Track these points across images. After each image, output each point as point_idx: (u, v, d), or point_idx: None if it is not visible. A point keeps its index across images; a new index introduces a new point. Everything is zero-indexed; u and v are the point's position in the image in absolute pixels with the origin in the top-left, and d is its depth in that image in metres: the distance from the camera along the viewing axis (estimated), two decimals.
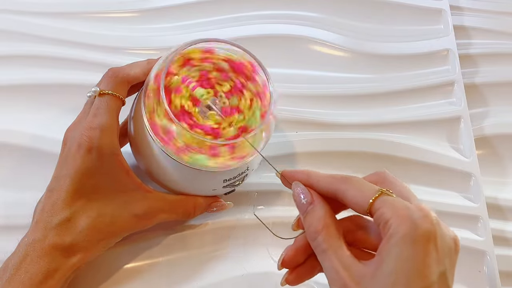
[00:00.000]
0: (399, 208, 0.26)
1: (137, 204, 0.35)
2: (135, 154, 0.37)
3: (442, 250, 0.25)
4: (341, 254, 0.27)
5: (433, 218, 0.26)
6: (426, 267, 0.24)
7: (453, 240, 0.27)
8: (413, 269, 0.24)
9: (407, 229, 0.25)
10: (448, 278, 0.25)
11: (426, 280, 0.24)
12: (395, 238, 0.25)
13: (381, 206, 0.26)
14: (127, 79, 0.35)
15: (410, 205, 0.26)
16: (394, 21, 0.56)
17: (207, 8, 0.53)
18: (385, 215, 0.26)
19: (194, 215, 0.38)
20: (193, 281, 0.39)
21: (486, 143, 0.52)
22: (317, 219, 0.28)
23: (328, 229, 0.28)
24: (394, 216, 0.25)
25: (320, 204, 0.29)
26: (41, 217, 0.32)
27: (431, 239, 0.25)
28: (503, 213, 0.48)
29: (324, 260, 0.27)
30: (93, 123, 0.32)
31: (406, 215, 0.25)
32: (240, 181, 0.37)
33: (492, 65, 0.56)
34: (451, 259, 0.26)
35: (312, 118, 0.48)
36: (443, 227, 0.26)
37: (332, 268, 0.27)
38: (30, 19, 0.49)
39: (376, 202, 0.27)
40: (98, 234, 0.33)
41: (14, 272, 0.30)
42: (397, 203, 0.26)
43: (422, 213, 0.25)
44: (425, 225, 0.25)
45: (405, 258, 0.24)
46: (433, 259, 0.24)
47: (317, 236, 0.28)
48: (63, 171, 0.32)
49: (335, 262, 0.27)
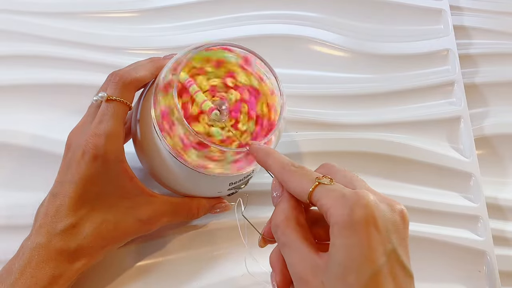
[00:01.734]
0: (335, 197, 0.25)
1: (141, 209, 0.35)
2: (140, 155, 0.37)
3: (385, 229, 0.25)
4: (298, 247, 0.26)
5: (369, 200, 0.25)
6: (372, 251, 0.24)
7: (398, 214, 0.26)
8: (360, 255, 0.24)
9: (345, 216, 0.24)
10: (400, 254, 0.25)
11: (375, 264, 0.24)
12: (336, 228, 0.25)
13: (320, 196, 0.26)
14: (135, 84, 0.34)
15: (347, 191, 0.26)
16: (394, 21, 0.56)
17: (207, 8, 0.53)
18: (324, 206, 0.26)
19: (197, 216, 0.38)
20: (193, 281, 0.39)
21: (486, 143, 0.52)
22: (279, 213, 0.28)
23: (287, 222, 0.27)
24: (332, 205, 0.25)
25: (285, 198, 0.29)
26: (45, 222, 0.32)
27: (369, 221, 0.24)
28: (503, 213, 0.48)
29: (284, 253, 0.27)
30: (98, 129, 0.32)
31: (342, 203, 0.25)
32: (245, 183, 0.37)
33: (492, 65, 0.56)
34: (399, 233, 0.26)
35: (312, 118, 0.48)
36: (382, 206, 0.25)
37: (290, 262, 0.27)
38: (30, 19, 0.49)
39: (314, 192, 0.26)
40: (102, 240, 0.33)
41: (18, 276, 0.30)
42: (333, 191, 0.26)
43: (357, 197, 0.25)
44: (360, 210, 0.24)
45: (349, 246, 0.24)
46: (377, 241, 0.24)
47: (277, 230, 0.28)
48: (67, 177, 0.32)
49: (292, 255, 0.26)
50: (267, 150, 0.31)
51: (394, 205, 0.26)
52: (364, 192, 0.25)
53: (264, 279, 0.39)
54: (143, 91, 0.36)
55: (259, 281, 0.38)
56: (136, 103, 0.36)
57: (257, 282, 0.39)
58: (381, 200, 0.26)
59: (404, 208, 0.27)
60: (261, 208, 0.42)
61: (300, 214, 0.28)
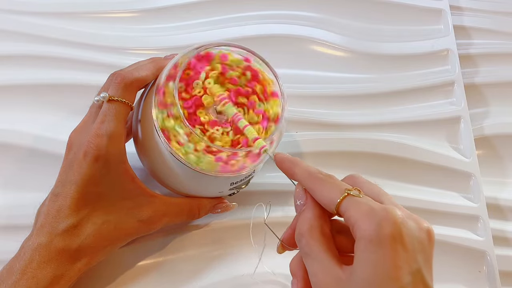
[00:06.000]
0: (364, 210, 0.25)
1: (142, 209, 0.35)
2: (141, 155, 0.37)
3: (412, 248, 0.25)
4: (322, 258, 0.26)
5: (397, 216, 0.25)
6: (397, 269, 0.24)
7: (425, 232, 0.26)
8: (384, 273, 0.24)
9: (372, 232, 0.24)
10: (424, 274, 0.25)
11: (399, 283, 0.24)
12: (362, 242, 0.24)
13: (347, 208, 0.26)
14: (136, 85, 0.34)
15: (376, 205, 0.26)
16: (394, 21, 0.56)
17: (208, 8, 0.53)
18: (352, 218, 0.25)
19: (198, 216, 0.38)
20: (193, 281, 0.39)
21: (486, 143, 0.52)
22: (303, 222, 0.28)
23: (312, 232, 0.27)
24: (359, 218, 0.25)
25: (310, 206, 0.29)
26: (46, 222, 0.32)
27: (396, 239, 0.24)
28: (503, 213, 0.48)
29: (306, 263, 0.27)
30: (100, 130, 0.32)
31: (370, 217, 0.25)
32: (246, 183, 0.37)
33: (492, 65, 0.56)
34: (425, 253, 0.25)
35: (312, 118, 0.48)
36: (410, 223, 0.25)
37: (313, 272, 0.26)
38: (30, 19, 0.49)
39: (342, 204, 0.26)
40: (103, 240, 0.33)
41: (19, 277, 0.30)
42: (362, 204, 0.26)
43: (386, 213, 0.25)
44: (388, 226, 0.24)
45: (374, 262, 0.24)
46: (403, 260, 0.24)
47: (301, 239, 0.28)
48: (69, 177, 0.32)
49: (315, 266, 0.26)
50: (292, 159, 0.31)
51: (421, 223, 0.26)
52: (393, 208, 0.25)
53: (265, 279, 0.39)
54: (144, 91, 0.36)
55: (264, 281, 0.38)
56: (137, 103, 0.36)
57: (257, 282, 0.39)
58: (408, 217, 0.26)
59: (430, 227, 0.26)
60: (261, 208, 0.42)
61: (325, 223, 0.28)
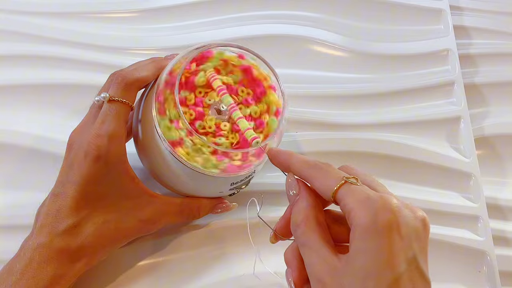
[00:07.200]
0: (360, 198, 0.25)
1: (142, 209, 0.35)
2: (141, 155, 0.37)
3: (408, 236, 0.25)
4: (318, 248, 0.26)
5: (394, 205, 0.25)
6: (393, 257, 0.24)
7: (420, 221, 0.26)
8: (381, 261, 0.24)
9: (368, 220, 0.24)
10: (420, 262, 0.25)
11: (395, 270, 0.24)
12: (358, 230, 0.25)
13: (344, 196, 0.26)
14: (137, 85, 0.34)
15: (372, 193, 0.26)
16: (394, 21, 0.56)
17: (207, 8, 0.53)
18: (348, 206, 0.25)
19: (199, 216, 0.38)
20: (193, 281, 0.39)
21: (486, 143, 0.52)
22: (298, 212, 0.28)
23: (308, 221, 0.27)
24: (356, 206, 0.25)
25: (304, 196, 0.29)
26: (46, 222, 0.31)
27: (393, 227, 0.24)
28: (503, 213, 0.48)
29: (302, 253, 0.27)
30: (101, 130, 0.32)
31: (366, 205, 0.25)
32: (246, 183, 0.37)
33: (492, 65, 0.56)
34: (420, 241, 0.25)
35: (312, 118, 0.48)
36: (405, 212, 0.25)
37: (309, 262, 0.26)
38: (30, 19, 0.49)
39: (339, 191, 0.26)
40: (103, 240, 0.33)
41: (19, 277, 0.30)
42: (358, 192, 0.26)
43: (382, 201, 0.25)
44: (385, 215, 0.24)
45: (371, 251, 0.24)
46: (399, 248, 0.24)
47: (297, 229, 0.28)
48: (69, 177, 0.32)
49: (312, 256, 0.26)
50: (288, 151, 0.31)
51: (416, 211, 0.26)
52: (389, 196, 0.25)
53: (265, 279, 0.39)
54: (145, 91, 0.36)
55: (263, 281, 0.38)
56: (138, 104, 0.36)
57: (257, 281, 0.39)
58: (404, 205, 0.26)
59: (426, 216, 0.26)
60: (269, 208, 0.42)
61: (320, 213, 0.28)
